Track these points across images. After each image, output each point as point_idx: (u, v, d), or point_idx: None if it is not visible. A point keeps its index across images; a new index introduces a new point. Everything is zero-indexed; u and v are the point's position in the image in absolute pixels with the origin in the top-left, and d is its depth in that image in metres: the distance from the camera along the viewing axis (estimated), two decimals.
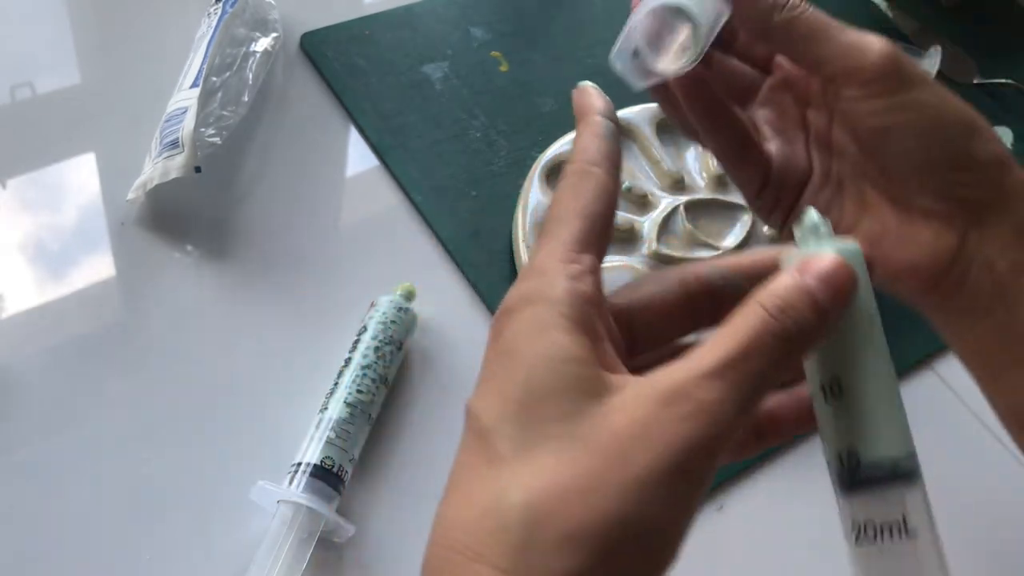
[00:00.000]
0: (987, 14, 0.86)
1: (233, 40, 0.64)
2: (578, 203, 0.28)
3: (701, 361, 0.24)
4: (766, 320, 0.24)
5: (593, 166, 0.28)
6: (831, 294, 0.25)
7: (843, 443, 0.26)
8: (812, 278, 0.25)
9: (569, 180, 0.28)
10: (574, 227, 0.27)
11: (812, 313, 0.25)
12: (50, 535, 0.46)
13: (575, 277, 0.26)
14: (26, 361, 0.51)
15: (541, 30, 0.74)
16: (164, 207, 0.58)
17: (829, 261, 0.25)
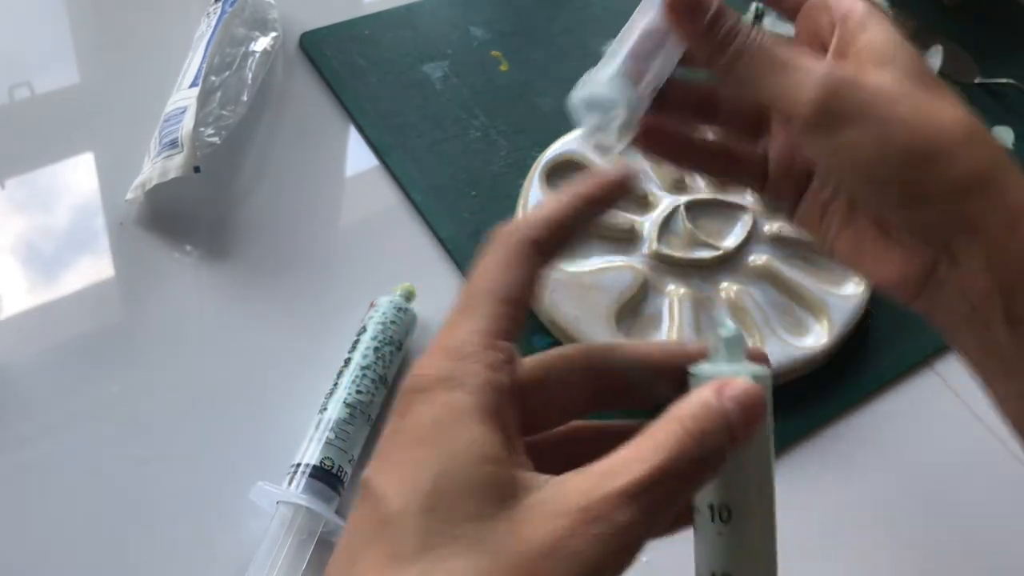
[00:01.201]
0: (988, 13, 0.86)
1: (232, 39, 0.64)
2: (507, 278, 0.26)
3: (617, 478, 0.23)
4: (685, 443, 0.24)
5: (531, 246, 0.27)
6: (745, 421, 0.25)
7: (719, 565, 0.27)
8: (731, 403, 0.24)
9: (503, 247, 0.27)
10: (500, 311, 0.26)
11: (727, 439, 0.24)
12: (50, 535, 0.46)
13: (496, 368, 0.25)
14: (25, 361, 0.51)
15: (541, 29, 0.74)
16: (163, 207, 0.58)
17: (748, 387, 0.25)
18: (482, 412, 0.24)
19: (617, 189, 0.29)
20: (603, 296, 0.56)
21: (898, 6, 0.82)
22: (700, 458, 0.24)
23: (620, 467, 0.23)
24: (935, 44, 0.77)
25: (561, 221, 0.27)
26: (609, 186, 0.29)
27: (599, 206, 0.29)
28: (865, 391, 0.58)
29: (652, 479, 0.23)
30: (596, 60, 0.35)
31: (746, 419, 0.25)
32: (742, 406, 0.25)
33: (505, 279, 0.26)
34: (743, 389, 0.25)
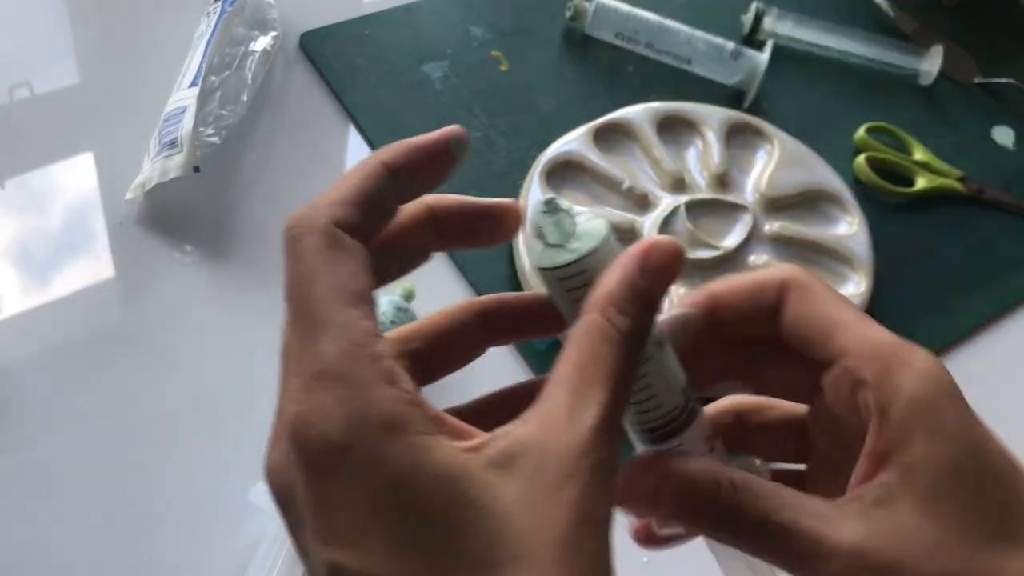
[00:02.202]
0: (988, 13, 0.86)
1: (232, 39, 0.64)
2: (341, 278, 0.23)
3: (576, 427, 0.22)
4: (617, 343, 0.23)
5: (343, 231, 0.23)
6: (660, 280, 0.24)
7: (683, 376, 0.27)
8: (644, 273, 0.24)
9: (313, 242, 0.23)
10: (353, 313, 0.22)
11: (653, 311, 0.24)
12: (50, 535, 0.45)
13: (392, 391, 0.22)
14: (25, 361, 0.51)
15: (541, 29, 0.74)
16: (163, 207, 0.58)
17: (655, 248, 0.24)
18: (433, 441, 0.21)
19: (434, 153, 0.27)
20: None
21: (898, 6, 0.82)
22: (636, 349, 0.24)
23: (570, 411, 0.22)
24: (935, 44, 0.77)
25: (365, 193, 0.24)
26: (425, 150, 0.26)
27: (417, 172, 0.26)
28: None
29: (610, 410, 0.22)
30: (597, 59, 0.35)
31: (662, 278, 0.24)
32: (655, 267, 0.24)
33: (337, 277, 0.23)
34: (656, 248, 0.24)
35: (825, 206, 0.65)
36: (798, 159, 0.66)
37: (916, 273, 0.65)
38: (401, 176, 0.25)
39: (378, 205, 0.25)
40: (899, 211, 0.68)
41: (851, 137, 0.71)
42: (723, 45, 0.71)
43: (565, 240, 0.25)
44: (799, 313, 0.27)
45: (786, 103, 0.73)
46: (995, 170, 0.72)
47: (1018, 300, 0.65)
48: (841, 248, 0.61)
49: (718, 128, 0.66)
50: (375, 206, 0.25)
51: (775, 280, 0.27)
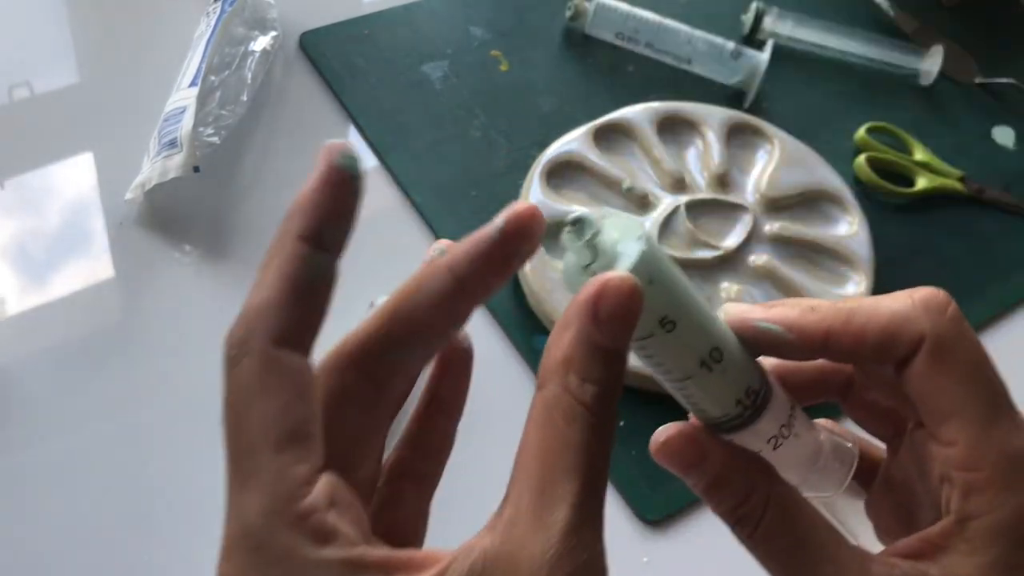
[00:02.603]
0: (988, 13, 0.86)
1: (232, 39, 0.64)
2: (271, 414, 0.20)
3: (545, 534, 0.19)
4: (583, 419, 0.20)
5: (282, 348, 0.21)
6: (621, 331, 0.20)
7: (738, 389, 0.25)
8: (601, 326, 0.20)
9: (245, 369, 0.21)
10: (287, 460, 0.20)
11: (620, 366, 0.20)
12: (50, 536, 0.45)
13: (324, 552, 0.19)
14: (25, 362, 0.51)
15: (541, 29, 0.74)
16: (163, 207, 0.58)
17: (605, 291, 0.20)
18: None
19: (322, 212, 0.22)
20: None
21: (898, 6, 0.82)
22: (601, 421, 0.20)
23: (542, 513, 0.20)
24: (936, 44, 0.77)
25: (294, 280, 0.21)
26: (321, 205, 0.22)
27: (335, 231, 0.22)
28: None
29: (582, 502, 0.20)
30: (596, 59, 0.35)
31: (623, 325, 0.20)
32: (610, 317, 0.20)
33: (268, 414, 0.20)
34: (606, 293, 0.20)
35: (825, 206, 0.65)
36: (798, 159, 0.66)
37: (916, 273, 0.65)
38: (322, 237, 0.22)
39: (312, 290, 0.21)
40: (899, 211, 0.68)
41: (851, 137, 0.71)
42: (723, 45, 0.71)
43: (596, 258, 0.22)
44: (926, 379, 0.24)
45: (786, 103, 0.73)
46: (995, 170, 0.72)
47: (1018, 300, 0.65)
48: (841, 248, 0.61)
49: (718, 128, 0.66)
50: (309, 293, 0.21)
51: (914, 333, 0.24)
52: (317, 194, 0.22)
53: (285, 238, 0.21)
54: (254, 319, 0.21)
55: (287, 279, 0.21)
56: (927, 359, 0.24)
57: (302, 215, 0.22)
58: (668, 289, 0.23)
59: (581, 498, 0.20)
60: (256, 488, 0.20)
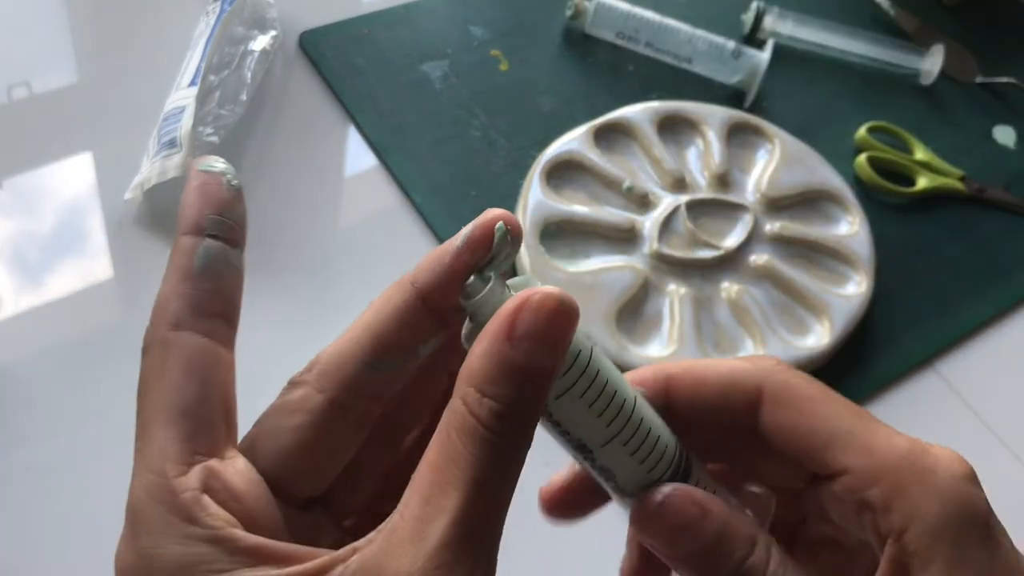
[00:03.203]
0: (989, 13, 0.86)
1: (231, 39, 0.64)
2: (164, 395, 0.21)
3: (420, 545, 0.18)
4: (477, 435, 0.19)
5: (175, 330, 0.21)
6: (537, 349, 0.19)
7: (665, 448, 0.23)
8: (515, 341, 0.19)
9: (150, 356, 0.22)
10: (168, 436, 0.21)
11: (536, 387, 0.19)
12: (50, 535, 0.45)
13: (188, 527, 0.20)
14: (25, 362, 0.51)
15: (541, 29, 0.74)
16: (162, 207, 0.58)
17: (527, 305, 0.19)
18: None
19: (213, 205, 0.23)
20: (604, 296, 0.56)
21: (899, 5, 0.82)
22: (507, 443, 0.19)
23: (420, 522, 0.19)
24: (936, 43, 0.77)
25: (202, 277, 0.22)
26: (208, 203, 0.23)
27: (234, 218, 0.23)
28: (866, 391, 0.58)
29: (466, 516, 0.19)
30: (596, 59, 0.35)
31: (542, 344, 0.19)
32: (526, 333, 0.19)
33: (161, 392, 0.21)
34: (525, 307, 0.19)
35: (826, 206, 0.65)
36: (799, 158, 0.66)
37: (916, 273, 0.65)
38: (202, 227, 0.22)
39: (204, 274, 0.22)
40: (900, 211, 0.68)
41: (852, 136, 0.71)
42: (724, 44, 0.71)
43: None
44: (782, 424, 0.23)
45: (787, 102, 0.73)
46: (996, 170, 0.72)
47: (1018, 300, 0.65)
48: (842, 248, 0.61)
49: (719, 127, 0.66)
50: (200, 277, 0.22)
51: (748, 384, 0.24)
52: (188, 196, 0.23)
53: (180, 238, 0.23)
54: (155, 311, 0.22)
55: (177, 270, 0.22)
56: (773, 406, 0.23)
57: (181, 217, 0.23)
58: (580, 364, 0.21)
59: (463, 513, 0.19)
60: (140, 463, 0.21)
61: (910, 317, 0.62)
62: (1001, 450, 0.57)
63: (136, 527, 0.21)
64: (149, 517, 0.20)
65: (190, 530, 0.20)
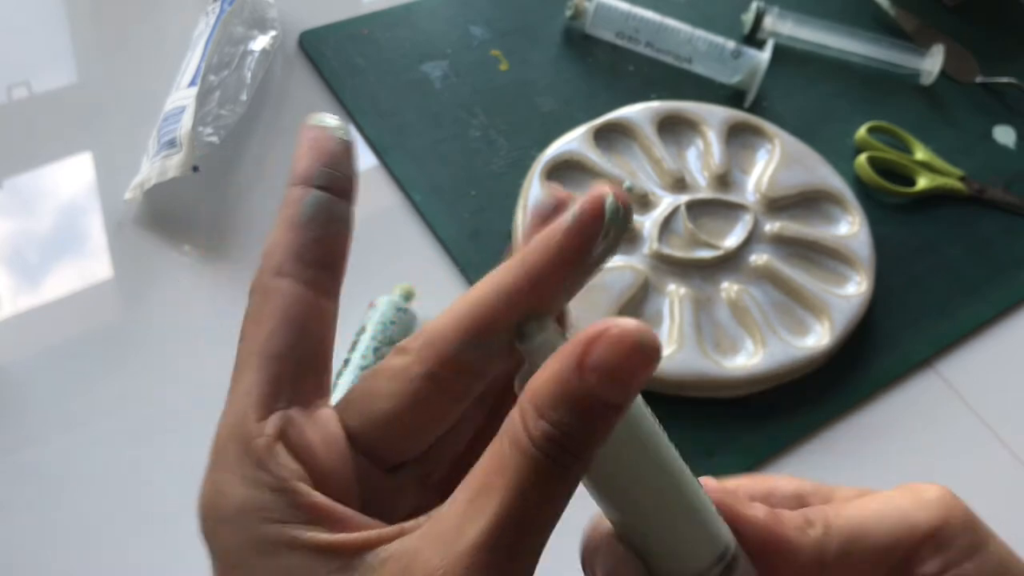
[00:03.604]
0: (989, 13, 0.86)
1: (231, 38, 0.64)
2: (258, 340, 0.21)
3: (456, 543, 0.18)
4: (526, 451, 0.18)
5: (277, 277, 0.22)
6: (605, 386, 0.18)
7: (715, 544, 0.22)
8: (593, 375, 0.18)
9: (252, 302, 0.22)
10: (254, 380, 0.21)
11: (593, 418, 0.18)
12: (50, 535, 0.45)
13: (257, 471, 0.20)
14: (25, 362, 0.51)
15: (541, 29, 0.74)
16: (162, 207, 0.58)
17: (604, 338, 0.18)
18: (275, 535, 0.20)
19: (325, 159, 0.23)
20: (604, 296, 0.56)
21: (899, 5, 0.82)
22: (555, 471, 0.19)
23: (459, 519, 0.19)
24: (936, 43, 0.77)
25: (307, 229, 0.22)
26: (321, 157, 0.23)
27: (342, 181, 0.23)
28: (866, 391, 0.58)
29: (497, 527, 0.18)
30: (596, 59, 0.35)
31: (614, 381, 0.18)
32: (596, 367, 0.18)
33: (257, 339, 0.22)
34: (600, 340, 0.18)
35: (826, 206, 0.65)
36: (799, 159, 0.66)
37: (916, 273, 0.65)
38: (312, 177, 0.23)
39: (310, 223, 0.22)
40: (900, 211, 0.68)
41: (852, 136, 0.71)
42: (724, 44, 0.71)
43: None
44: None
45: (787, 102, 0.73)
46: (996, 170, 0.72)
47: (1018, 300, 0.65)
48: (842, 248, 0.61)
49: (718, 128, 0.66)
50: (306, 226, 0.22)
51: (921, 527, 0.22)
52: (300, 149, 0.23)
53: (286, 193, 0.23)
54: (264, 257, 0.22)
55: (285, 219, 0.22)
56: (945, 554, 0.22)
57: (292, 169, 0.23)
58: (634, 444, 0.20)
59: (500, 520, 0.18)
60: (229, 402, 0.22)
61: (910, 317, 0.62)
62: (1001, 450, 0.57)
63: (215, 461, 0.21)
64: (225, 454, 0.21)
65: (258, 475, 0.20)
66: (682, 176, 0.63)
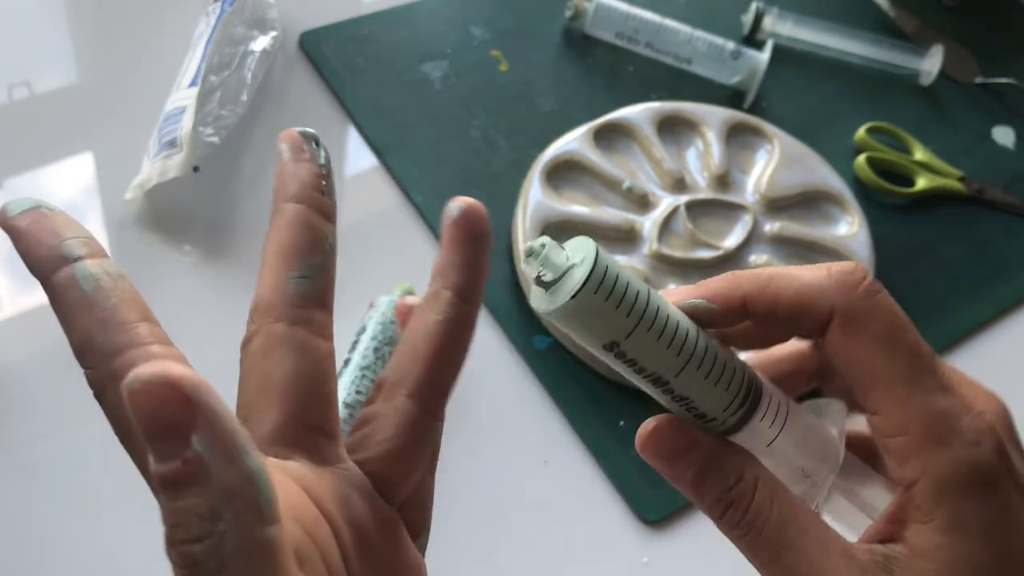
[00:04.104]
0: (988, 13, 0.86)
1: (232, 39, 0.64)
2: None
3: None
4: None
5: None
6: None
7: (727, 380, 0.25)
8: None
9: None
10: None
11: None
12: (50, 536, 0.45)
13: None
14: (25, 362, 0.51)
15: (541, 28, 0.74)
16: (162, 207, 0.58)
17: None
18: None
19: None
20: None
21: (898, 6, 0.82)
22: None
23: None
24: (935, 44, 0.77)
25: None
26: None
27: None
28: None
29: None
30: (597, 59, 0.35)
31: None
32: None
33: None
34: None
35: (825, 206, 0.65)
36: (798, 159, 0.66)
37: (916, 273, 0.65)
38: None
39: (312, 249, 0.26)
40: (899, 211, 0.68)
41: (851, 137, 0.71)
42: (723, 45, 0.71)
43: (559, 273, 0.23)
44: (841, 351, 0.24)
45: (786, 103, 0.73)
46: (995, 170, 0.72)
47: (1018, 300, 0.65)
48: (841, 248, 0.61)
49: (718, 128, 0.66)
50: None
51: (822, 307, 0.25)
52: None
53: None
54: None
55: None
56: (839, 331, 0.24)
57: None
58: (624, 298, 0.23)
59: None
60: None
61: (910, 317, 0.62)
62: None
63: None
64: None
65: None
66: (682, 176, 0.63)
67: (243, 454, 0.17)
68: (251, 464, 0.17)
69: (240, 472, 0.17)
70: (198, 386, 0.17)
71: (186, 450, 0.17)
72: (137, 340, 0.21)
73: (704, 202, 0.61)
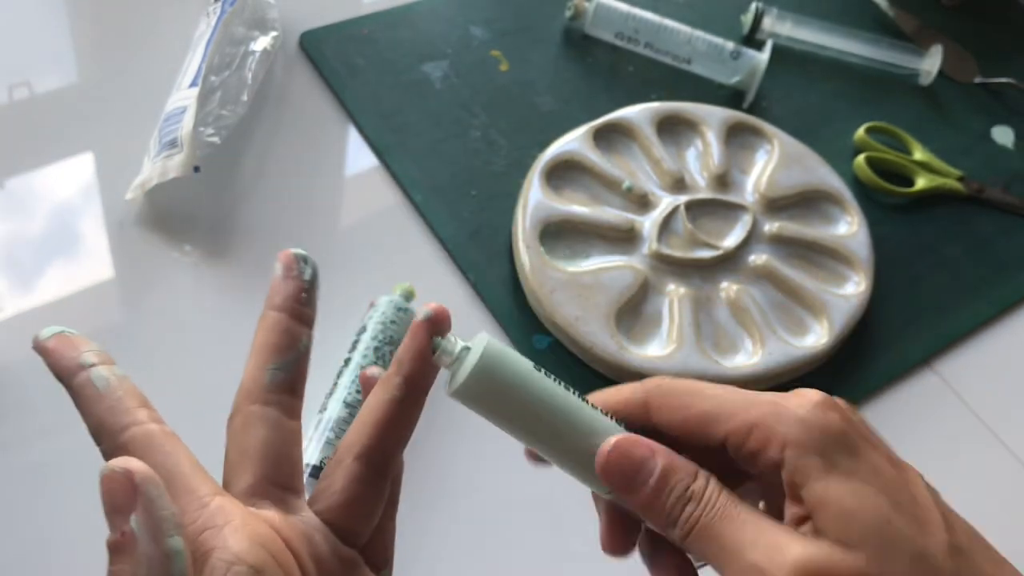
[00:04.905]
0: (988, 13, 0.86)
1: (232, 39, 0.64)
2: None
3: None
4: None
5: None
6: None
7: None
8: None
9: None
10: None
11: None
12: (50, 536, 0.45)
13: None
14: (25, 362, 0.51)
15: (541, 28, 0.74)
16: (163, 207, 0.58)
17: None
18: None
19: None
20: (603, 296, 0.56)
21: (898, 6, 0.82)
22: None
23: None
24: (935, 44, 0.77)
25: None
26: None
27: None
28: (865, 391, 0.58)
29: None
30: (597, 59, 0.35)
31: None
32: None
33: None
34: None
35: (825, 206, 0.65)
36: (798, 159, 0.66)
37: (915, 273, 0.65)
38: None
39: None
40: (899, 211, 0.68)
41: (851, 137, 0.71)
42: (723, 45, 0.72)
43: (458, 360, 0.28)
44: (668, 421, 0.29)
45: (786, 103, 0.73)
46: (995, 170, 0.72)
47: (1018, 299, 0.65)
48: (841, 248, 0.61)
49: (718, 128, 0.66)
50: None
51: (636, 400, 0.29)
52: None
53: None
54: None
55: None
56: (656, 409, 0.29)
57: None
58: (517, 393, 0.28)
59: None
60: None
61: (909, 317, 0.62)
62: (1000, 450, 0.57)
63: None
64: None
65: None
66: (681, 176, 0.63)
67: (166, 535, 0.22)
68: (171, 544, 0.22)
69: (161, 549, 0.22)
70: (146, 478, 0.22)
71: (125, 525, 0.22)
72: (137, 420, 0.28)
73: (704, 202, 0.61)
